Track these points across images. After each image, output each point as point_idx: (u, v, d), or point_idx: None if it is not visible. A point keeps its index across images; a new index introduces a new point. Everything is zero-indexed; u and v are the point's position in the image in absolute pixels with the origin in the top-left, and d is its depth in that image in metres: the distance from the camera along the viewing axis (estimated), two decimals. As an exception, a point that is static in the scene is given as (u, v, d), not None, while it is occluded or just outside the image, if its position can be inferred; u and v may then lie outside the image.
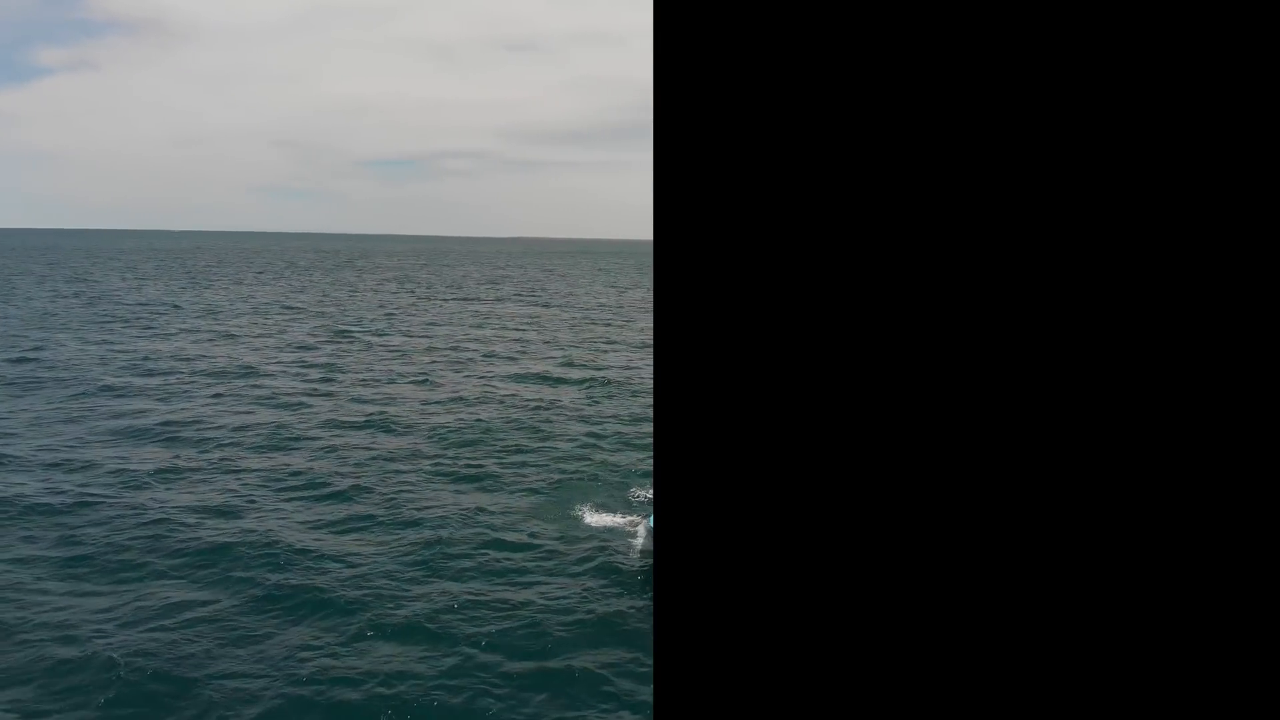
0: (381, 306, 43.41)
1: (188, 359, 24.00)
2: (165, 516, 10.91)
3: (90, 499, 11.55)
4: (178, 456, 13.93)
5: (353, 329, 32.65)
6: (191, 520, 10.80)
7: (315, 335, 30.65)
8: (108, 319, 34.25)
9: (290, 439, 15.24)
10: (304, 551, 9.89)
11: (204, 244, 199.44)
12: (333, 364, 23.82)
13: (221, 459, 13.81)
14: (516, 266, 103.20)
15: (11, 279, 56.63)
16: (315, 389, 20.11)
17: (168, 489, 12.17)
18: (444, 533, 10.54)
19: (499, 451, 14.70)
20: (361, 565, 9.55)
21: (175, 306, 39.96)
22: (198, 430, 15.68)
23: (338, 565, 9.54)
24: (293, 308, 41.60)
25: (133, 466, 13.23)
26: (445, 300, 48.88)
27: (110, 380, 20.52)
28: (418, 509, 11.45)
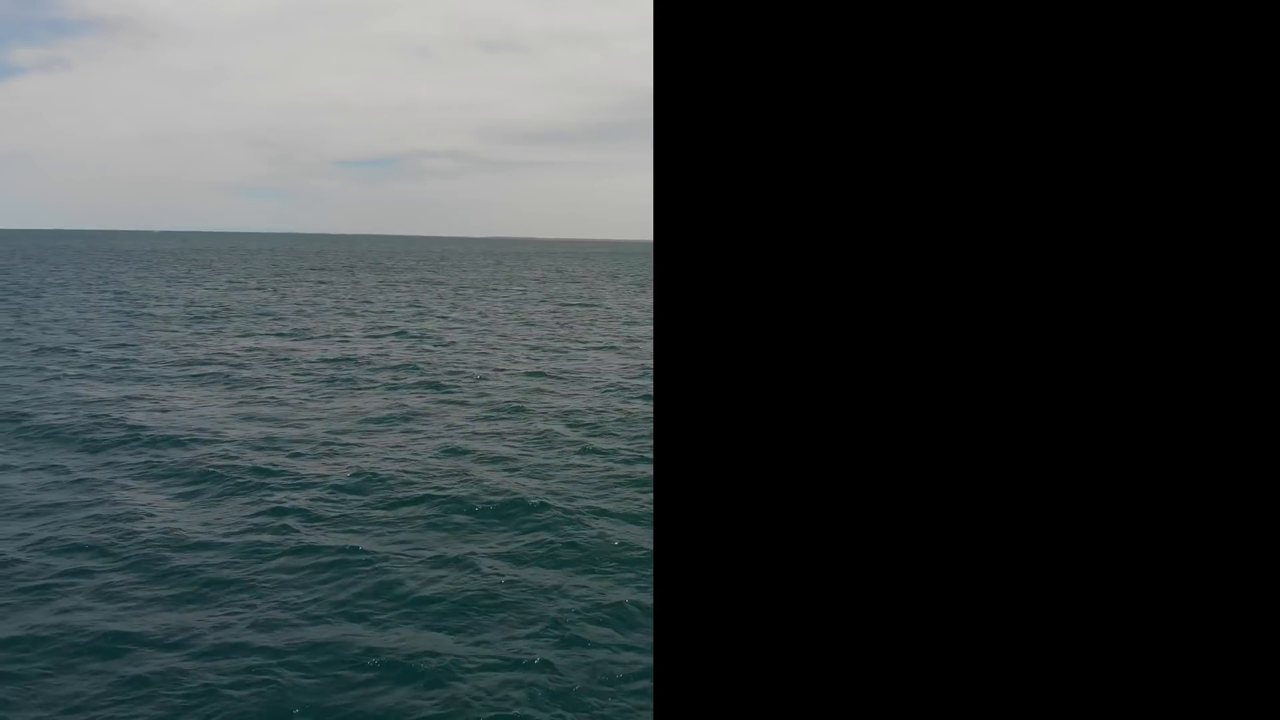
0: (451, 309, 44.71)
1: (285, 358, 25.45)
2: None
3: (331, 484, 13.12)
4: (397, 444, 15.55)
5: (425, 329, 34.17)
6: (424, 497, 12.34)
7: (387, 334, 32.13)
8: (192, 319, 35.61)
9: (454, 426, 16.85)
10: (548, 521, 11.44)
11: (188, 245, 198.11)
12: (431, 362, 25.35)
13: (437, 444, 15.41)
14: (523, 268, 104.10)
15: (45, 281, 57.28)
16: (431, 383, 21.74)
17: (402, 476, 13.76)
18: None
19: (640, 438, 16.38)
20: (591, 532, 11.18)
21: (224, 308, 41.10)
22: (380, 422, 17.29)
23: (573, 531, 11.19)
24: (348, 310, 42.96)
25: (352, 451, 14.85)
26: (486, 302, 50.25)
27: (256, 375, 22.07)
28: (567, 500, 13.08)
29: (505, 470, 13.77)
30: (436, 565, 9.94)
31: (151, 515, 11.33)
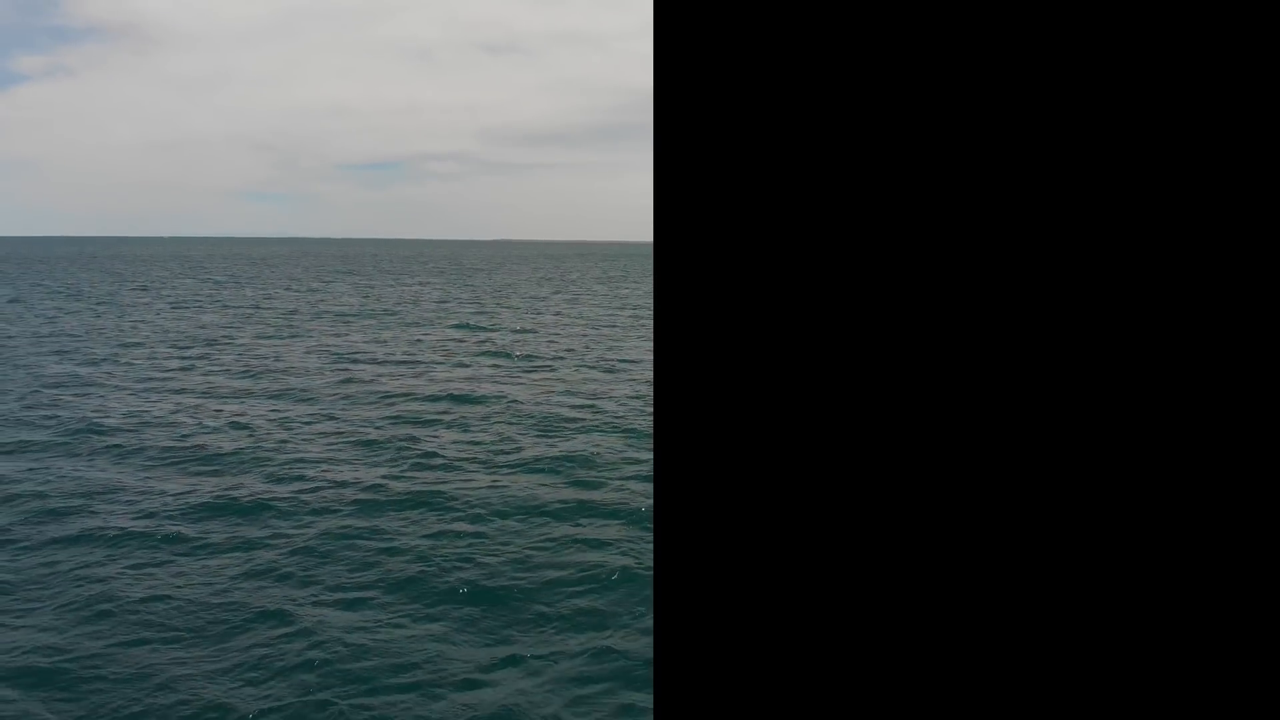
0: (521, 310, 45.92)
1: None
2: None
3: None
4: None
5: (487, 327, 36.34)
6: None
7: (466, 336, 33.92)
8: (308, 317, 37.53)
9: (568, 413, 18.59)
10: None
11: (198, 250, 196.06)
12: (526, 353, 27.36)
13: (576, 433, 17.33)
14: (545, 269, 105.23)
15: (77, 287, 58.11)
16: (524, 370, 23.78)
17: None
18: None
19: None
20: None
21: (295, 311, 42.81)
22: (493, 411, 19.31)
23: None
24: (405, 311, 44.52)
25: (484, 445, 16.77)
26: (537, 303, 51.55)
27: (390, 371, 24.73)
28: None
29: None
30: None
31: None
